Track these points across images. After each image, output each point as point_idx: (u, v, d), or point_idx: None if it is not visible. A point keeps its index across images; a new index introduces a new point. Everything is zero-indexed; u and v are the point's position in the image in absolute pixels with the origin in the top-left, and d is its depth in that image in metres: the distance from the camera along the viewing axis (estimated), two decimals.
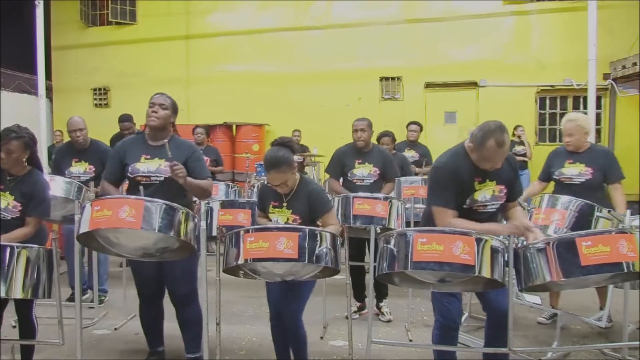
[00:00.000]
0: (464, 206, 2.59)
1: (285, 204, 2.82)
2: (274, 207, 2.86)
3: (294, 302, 2.84)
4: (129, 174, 2.97)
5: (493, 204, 2.63)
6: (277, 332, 2.96)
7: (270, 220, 2.89)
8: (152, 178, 2.95)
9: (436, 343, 2.72)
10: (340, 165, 4.29)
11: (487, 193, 2.60)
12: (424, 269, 2.34)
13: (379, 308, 4.20)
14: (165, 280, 3.09)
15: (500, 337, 2.51)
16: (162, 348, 3.29)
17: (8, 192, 2.86)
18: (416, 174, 5.96)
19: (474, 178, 2.58)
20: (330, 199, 3.00)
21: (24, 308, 2.95)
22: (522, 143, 8.14)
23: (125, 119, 5.78)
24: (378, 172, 4.17)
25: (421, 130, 6.28)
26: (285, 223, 2.78)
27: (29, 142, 2.92)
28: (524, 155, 8.00)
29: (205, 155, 6.23)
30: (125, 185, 3.18)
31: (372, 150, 4.25)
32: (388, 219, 3.66)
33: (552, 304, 3.95)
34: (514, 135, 7.99)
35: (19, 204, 2.86)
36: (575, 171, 3.71)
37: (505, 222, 2.82)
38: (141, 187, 2.91)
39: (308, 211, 2.80)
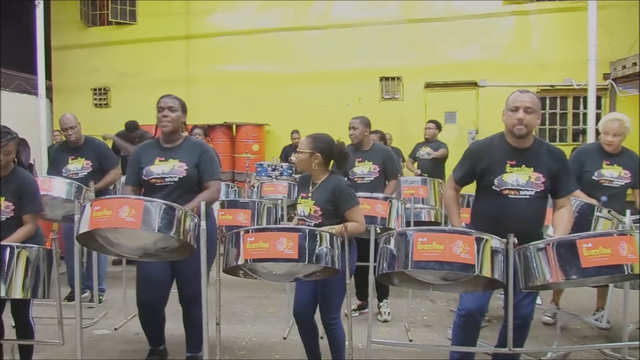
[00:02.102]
0: (494, 187, 2.59)
1: (310, 195, 2.88)
2: (302, 197, 2.94)
3: (327, 303, 2.84)
4: (143, 177, 2.99)
5: (527, 190, 2.57)
6: (302, 332, 2.96)
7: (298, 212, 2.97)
8: (166, 180, 2.96)
9: (454, 333, 2.77)
10: None
11: (520, 177, 2.58)
12: (424, 268, 2.34)
13: (378, 308, 4.20)
14: (177, 280, 3.08)
15: (520, 339, 2.67)
16: (163, 347, 3.28)
17: None
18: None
19: (507, 160, 2.60)
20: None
21: (21, 309, 2.94)
22: None
23: (133, 127, 5.72)
24: (378, 169, 4.18)
25: (437, 128, 6.37)
26: (309, 213, 2.84)
27: (20, 141, 2.95)
28: None
29: None
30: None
31: (372, 148, 4.27)
32: (388, 219, 3.67)
33: (554, 301, 3.95)
34: None
35: (11, 203, 2.85)
36: (615, 173, 3.56)
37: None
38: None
39: (331, 203, 2.81)
